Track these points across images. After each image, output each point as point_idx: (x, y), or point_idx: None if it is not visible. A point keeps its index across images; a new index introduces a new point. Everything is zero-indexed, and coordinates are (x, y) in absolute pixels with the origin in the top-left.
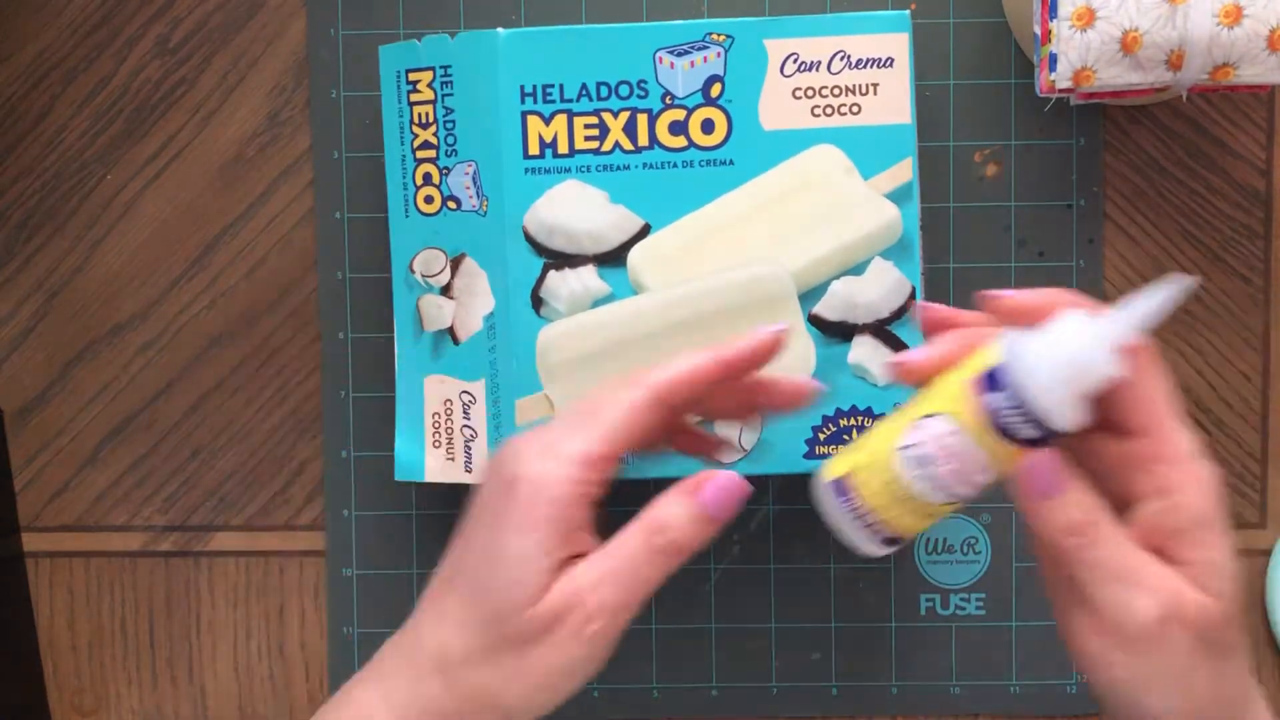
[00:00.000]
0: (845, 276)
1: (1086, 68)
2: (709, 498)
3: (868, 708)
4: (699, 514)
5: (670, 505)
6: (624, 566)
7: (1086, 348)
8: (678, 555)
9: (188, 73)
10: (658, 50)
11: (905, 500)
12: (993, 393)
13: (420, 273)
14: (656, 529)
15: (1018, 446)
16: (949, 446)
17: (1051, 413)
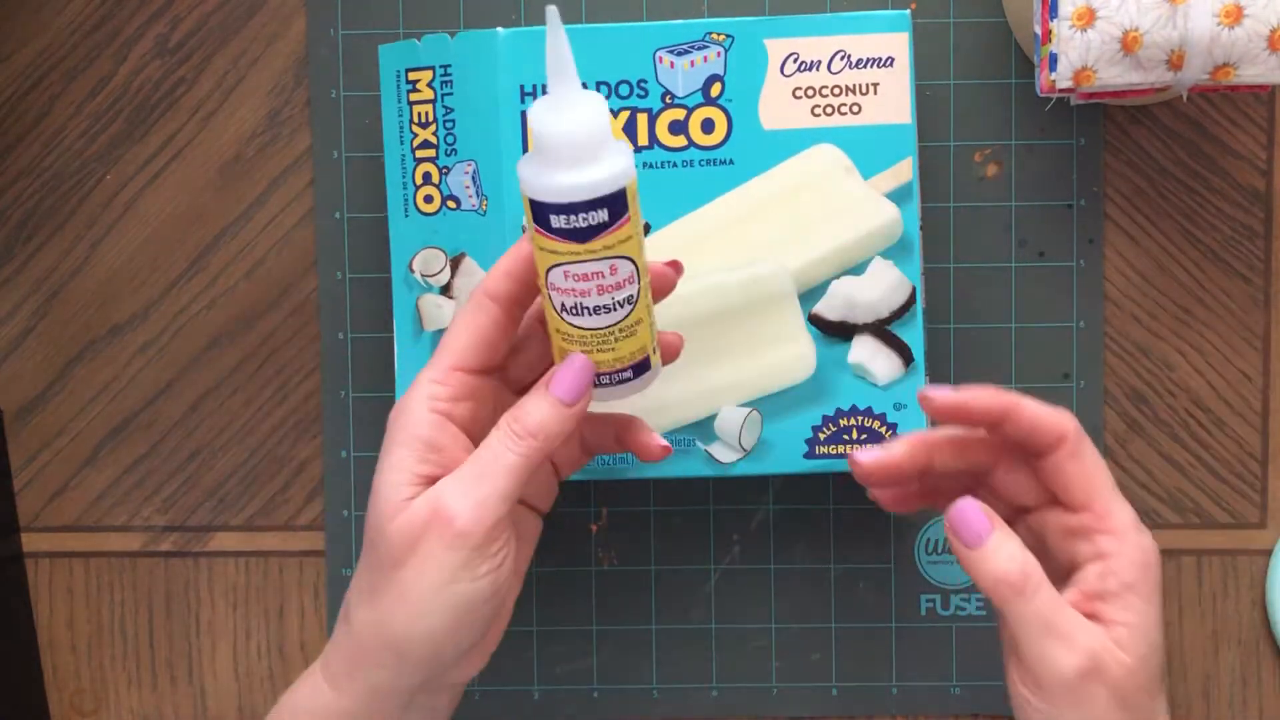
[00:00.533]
0: (845, 276)
1: (1087, 68)
2: (556, 379)
3: (868, 708)
4: (550, 398)
5: (525, 398)
6: (483, 459)
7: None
8: (535, 436)
9: (187, 73)
10: (658, 50)
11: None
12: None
13: (420, 272)
14: (513, 418)
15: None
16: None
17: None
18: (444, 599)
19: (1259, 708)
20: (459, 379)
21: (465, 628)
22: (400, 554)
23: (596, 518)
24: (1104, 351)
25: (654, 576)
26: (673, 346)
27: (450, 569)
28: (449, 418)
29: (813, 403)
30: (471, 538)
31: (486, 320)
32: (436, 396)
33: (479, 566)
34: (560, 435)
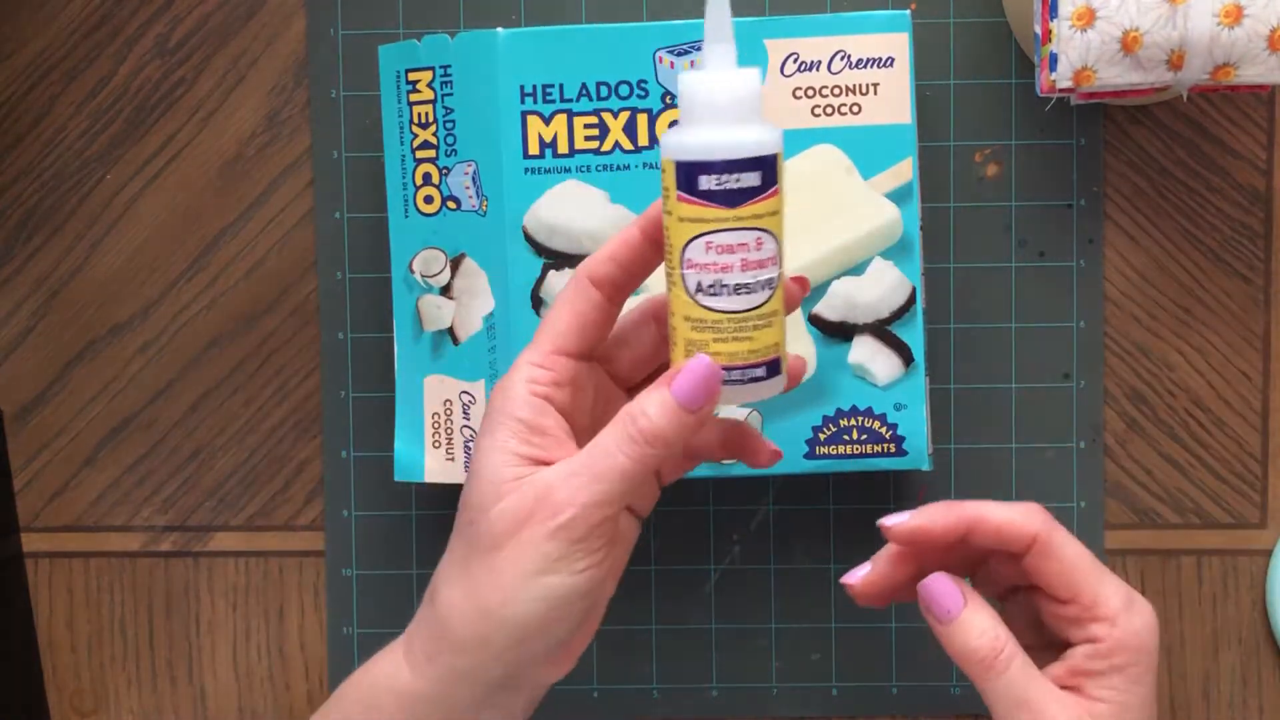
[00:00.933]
0: (845, 276)
1: (1087, 67)
2: (678, 383)
3: (868, 708)
4: (670, 401)
5: (645, 395)
6: (596, 456)
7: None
8: (653, 444)
9: (187, 73)
10: (658, 50)
11: (711, 325)
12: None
13: (420, 273)
14: (630, 418)
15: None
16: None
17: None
18: (539, 588)
19: (1259, 708)
20: (560, 362)
21: (556, 622)
22: (500, 537)
23: None
24: (1104, 351)
25: (654, 576)
26: (798, 370)
27: (549, 559)
28: (549, 401)
29: (813, 403)
30: (574, 531)
31: (587, 304)
32: (537, 380)
33: (579, 561)
34: (679, 442)
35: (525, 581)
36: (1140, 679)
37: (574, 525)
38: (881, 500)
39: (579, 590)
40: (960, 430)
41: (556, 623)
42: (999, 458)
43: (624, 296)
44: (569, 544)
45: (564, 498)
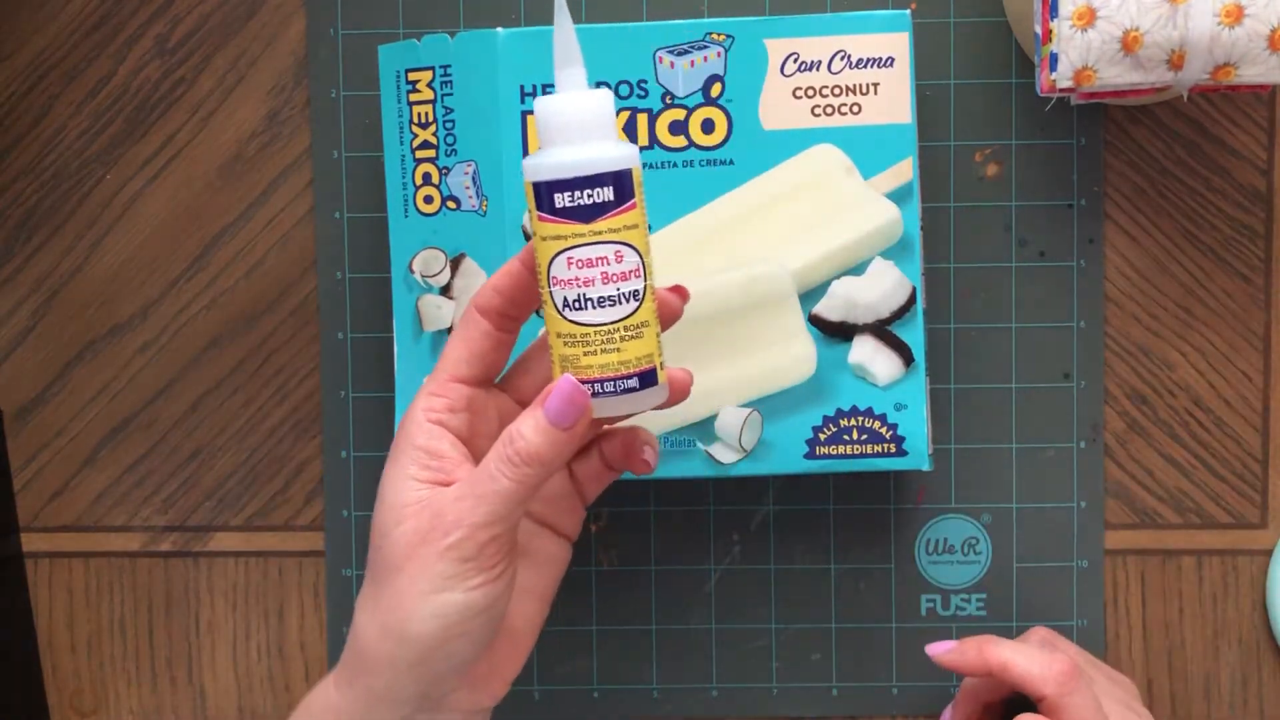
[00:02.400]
0: (845, 276)
1: (1087, 67)
2: (549, 403)
3: (868, 708)
4: (542, 422)
5: (522, 417)
6: (481, 479)
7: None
8: (530, 464)
9: (187, 72)
10: (658, 50)
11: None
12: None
13: (420, 273)
14: (508, 440)
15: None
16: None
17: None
18: (434, 605)
19: (1259, 708)
20: (455, 389)
21: (455, 638)
22: (400, 559)
23: (596, 518)
24: (1104, 351)
25: (654, 577)
26: (681, 383)
27: (443, 577)
28: (445, 426)
29: (813, 403)
30: (464, 550)
31: (477, 333)
32: (432, 407)
33: (471, 579)
34: (556, 460)
35: (422, 600)
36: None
37: (463, 545)
38: (881, 500)
39: (474, 606)
40: (960, 430)
41: (455, 639)
42: (999, 458)
43: (513, 324)
44: (459, 563)
45: (453, 519)
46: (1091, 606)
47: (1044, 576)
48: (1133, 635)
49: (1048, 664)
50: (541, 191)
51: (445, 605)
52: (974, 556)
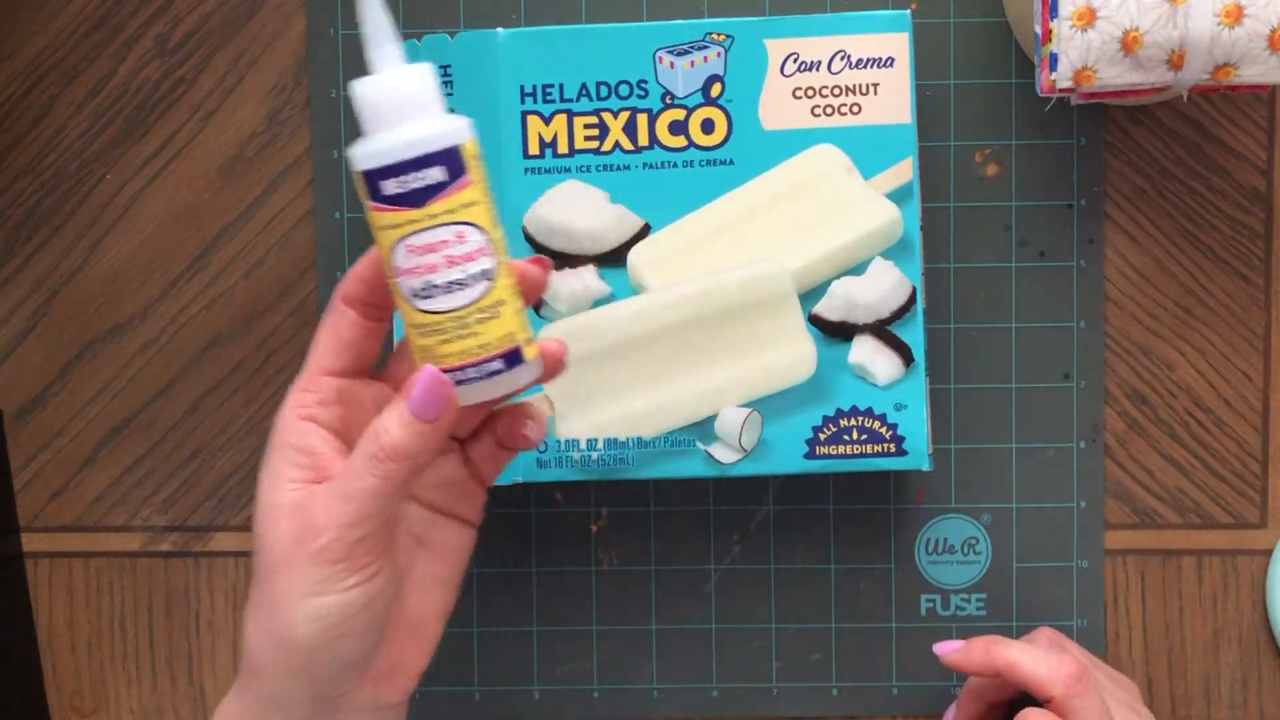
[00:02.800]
0: (845, 276)
1: (1087, 67)
2: (410, 398)
3: (868, 708)
4: (406, 416)
5: (386, 412)
6: (347, 478)
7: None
8: (396, 459)
9: (187, 72)
10: (658, 50)
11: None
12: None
13: None
14: (371, 437)
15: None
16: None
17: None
18: (311, 609)
19: (1259, 708)
20: (325, 383)
21: (338, 639)
22: (277, 564)
23: (596, 518)
24: (1104, 351)
25: (654, 576)
26: (554, 355)
27: (316, 581)
28: (315, 421)
29: (813, 403)
30: (334, 552)
31: (343, 323)
32: (302, 404)
33: (345, 580)
34: (422, 454)
35: (299, 604)
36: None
37: (333, 547)
38: (881, 500)
39: (352, 606)
40: (960, 430)
41: (338, 640)
42: (999, 458)
43: (381, 313)
44: (331, 565)
45: (321, 521)
46: (1091, 606)
47: (1044, 576)
48: (1133, 635)
49: (1056, 665)
50: (369, 180)
51: (322, 608)
52: (974, 556)
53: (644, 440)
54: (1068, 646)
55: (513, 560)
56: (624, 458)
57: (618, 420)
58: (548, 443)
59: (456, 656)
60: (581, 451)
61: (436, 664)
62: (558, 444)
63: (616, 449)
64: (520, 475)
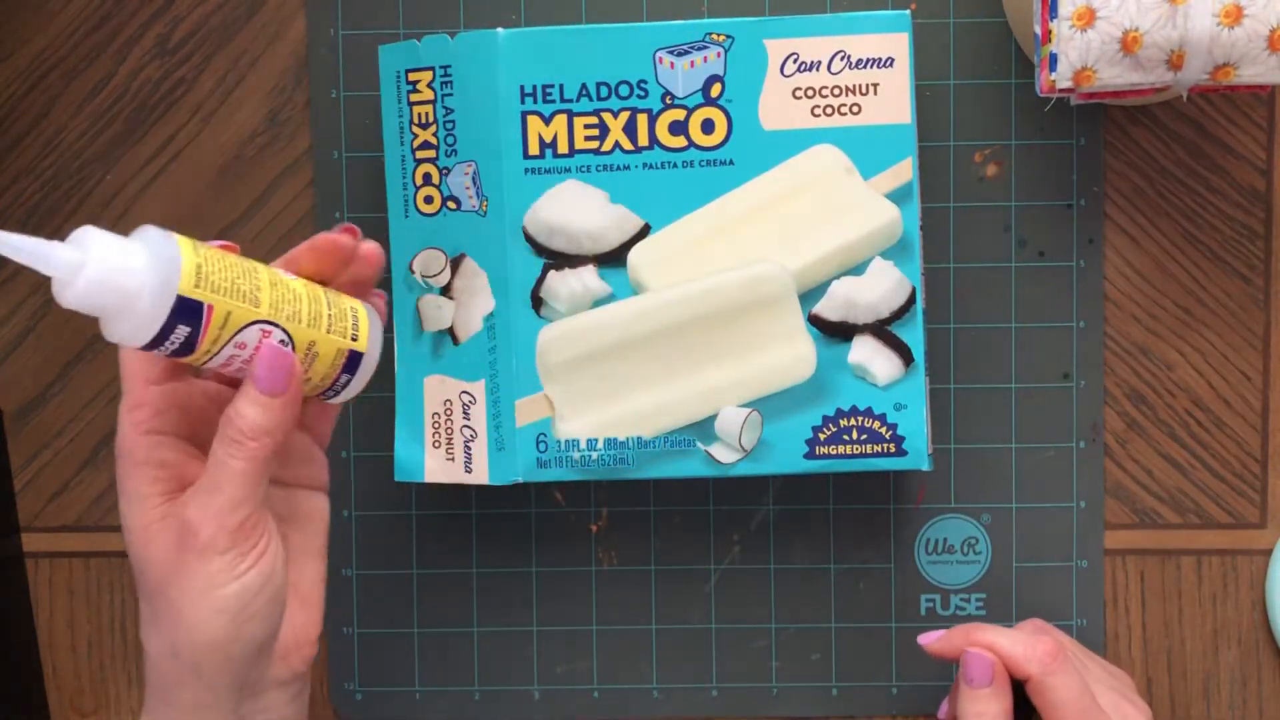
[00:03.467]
0: (845, 276)
1: (1087, 68)
2: (256, 376)
3: (868, 708)
4: (255, 394)
5: (238, 396)
6: (213, 468)
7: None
8: (256, 438)
9: (187, 73)
10: (658, 50)
11: None
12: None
13: (420, 273)
14: (228, 421)
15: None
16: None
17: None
18: (214, 604)
19: (1259, 708)
20: (153, 393)
21: (248, 623)
22: (164, 578)
23: (596, 518)
24: (1104, 351)
25: (654, 576)
26: (380, 311)
27: (209, 576)
28: (159, 433)
29: (813, 403)
30: (218, 544)
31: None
32: (138, 420)
33: (238, 565)
34: (281, 428)
35: (199, 604)
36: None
37: (216, 540)
38: (881, 500)
39: (250, 590)
40: (960, 430)
41: (246, 625)
42: (999, 458)
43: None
44: (219, 556)
45: (198, 518)
46: (1091, 606)
47: (1044, 576)
48: (1132, 635)
49: (1031, 645)
50: (152, 349)
51: (224, 600)
52: (974, 556)
53: (644, 440)
54: (1051, 632)
55: (513, 560)
56: (624, 458)
57: (618, 420)
58: (548, 443)
59: (456, 656)
60: (581, 451)
61: (436, 664)
62: (558, 444)
63: (616, 449)
64: (520, 475)
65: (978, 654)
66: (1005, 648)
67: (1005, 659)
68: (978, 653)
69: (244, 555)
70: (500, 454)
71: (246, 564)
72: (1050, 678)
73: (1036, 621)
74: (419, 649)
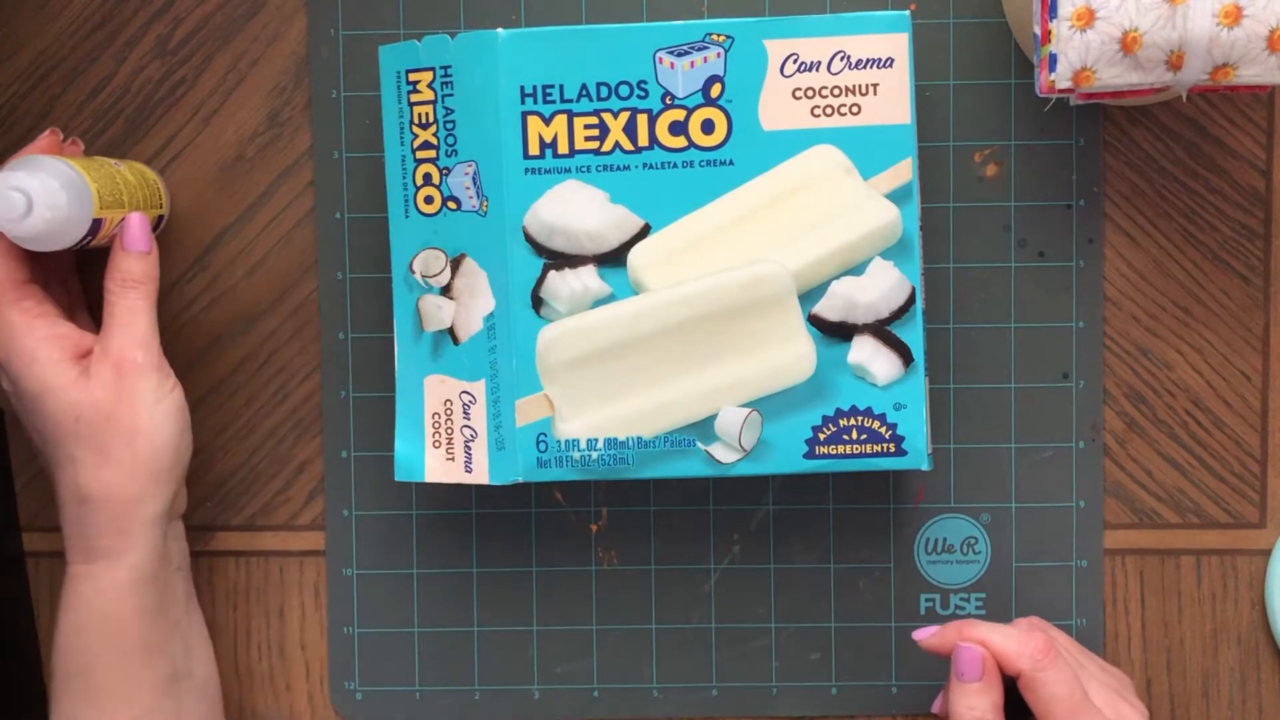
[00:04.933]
0: (845, 276)
1: (1086, 68)
2: (130, 239)
3: (868, 708)
4: (131, 254)
5: (118, 259)
6: (117, 313)
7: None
8: (143, 282)
9: (188, 73)
10: (658, 50)
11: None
12: None
13: (420, 273)
14: (115, 275)
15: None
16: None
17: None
18: (164, 411)
19: (1259, 708)
20: (32, 289)
21: (186, 432)
22: (110, 406)
23: (596, 518)
24: (1104, 351)
25: (654, 576)
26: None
27: (153, 390)
28: (48, 315)
29: (813, 403)
30: (151, 364)
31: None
32: (27, 308)
33: (167, 382)
34: (156, 274)
35: (152, 413)
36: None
37: (149, 362)
38: (881, 500)
39: (181, 402)
40: (960, 430)
41: (186, 432)
42: (999, 458)
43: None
44: (154, 373)
45: (128, 348)
46: (1091, 606)
47: (1043, 576)
48: (1132, 634)
49: (1023, 641)
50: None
51: (170, 408)
52: (973, 556)
53: (644, 440)
54: (1048, 629)
55: (513, 560)
56: (624, 458)
57: (618, 420)
58: (548, 443)
59: (456, 656)
60: (581, 451)
61: (436, 664)
62: (558, 444)
63: (616, 449)
64: (520, 475)
65: (968, 648)
66: (997, 643)
67: (997, 654)
68: (968, 647)
69: (168, 375)
70: (500, 454)
71: (172, 382)
72: (1042, 674)
73: (1033, 619)
74: (419, 649)
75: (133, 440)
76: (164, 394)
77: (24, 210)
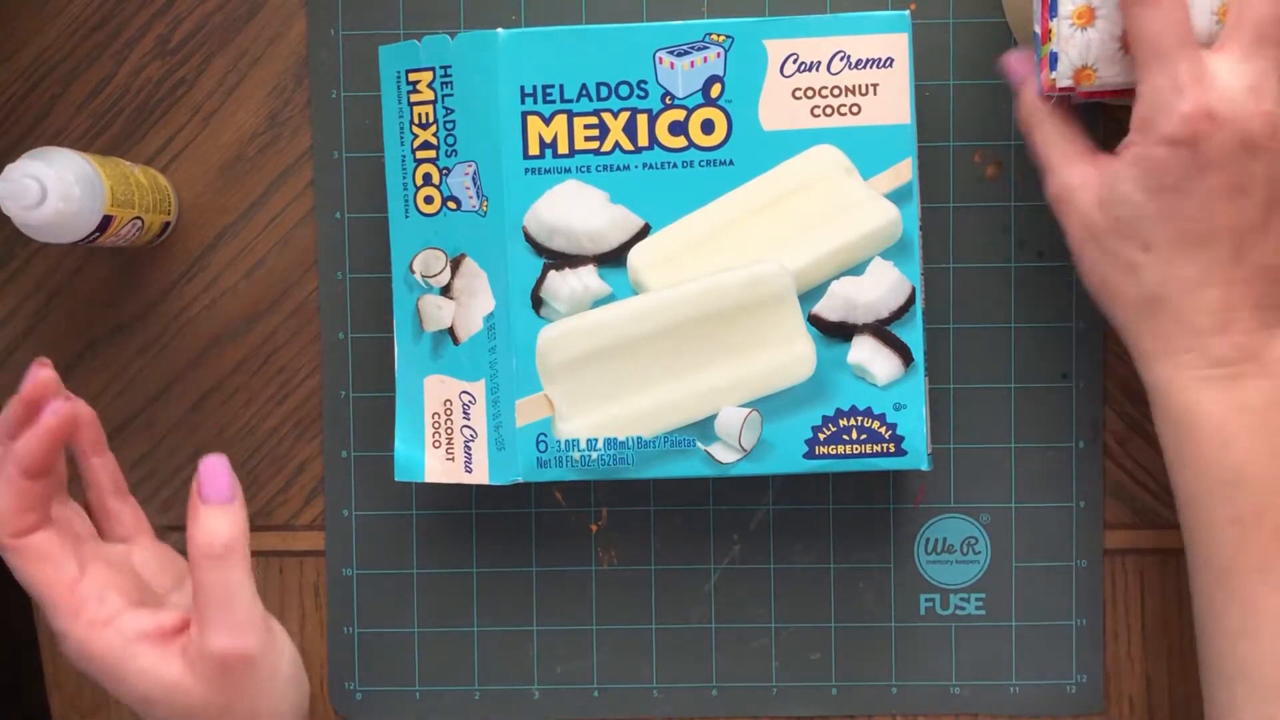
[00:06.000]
0: (845, 276)
1: (1087, 67)
2: (204, 492)
3: (868, 708)
4: (210, 510)
5: (195, 523)
6: (210, 592)
7: None
8: (231, 548)
9: (188, 73)
10: (658, 50)
11: None
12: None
13: (420, 273)
14: (197, 547)
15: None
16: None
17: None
18: (282, 678)
19: None
20: (78, 588)
21: (303, 681)
22: (223, 700)
23: (596, 518)
24: (1104, 352)
25: (654, 576)
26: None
27: (270, 670)
28: (112, 621)
29: (813, 403)
30: (260, 645)
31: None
32: (100, 622)
33: (278, 641)
34: (245, 526)
35: (271, 693)
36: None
37: (258, 644)
38: (881, 500)
39: (293, 650)
40: (960, 430)
41: (304, 681)
42: (998, 458)
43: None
44: (264, 650)
45: (230, 641)
46: (1091, 606)
47: (1043, 576)
48: (1132, 635)
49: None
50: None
51: (286, 677)
52: (973, 556)
53: (644, 440)
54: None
55: (513, 560)
56: (624, 458)
57: (617, 420)
58: (548, 442)
59: (456, 656)
60: (581, 451)
61: (436, 664)
62: (558, 444)
63: (616, 449)
64: (520, 475)
65: (1017, 55)
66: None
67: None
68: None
69: (275, 638)
70: (500, 454)
71: (281, 643)
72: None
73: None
74: (419, 649)
75: (256, 704)
76: (278, 667)
77: (38, 198)
